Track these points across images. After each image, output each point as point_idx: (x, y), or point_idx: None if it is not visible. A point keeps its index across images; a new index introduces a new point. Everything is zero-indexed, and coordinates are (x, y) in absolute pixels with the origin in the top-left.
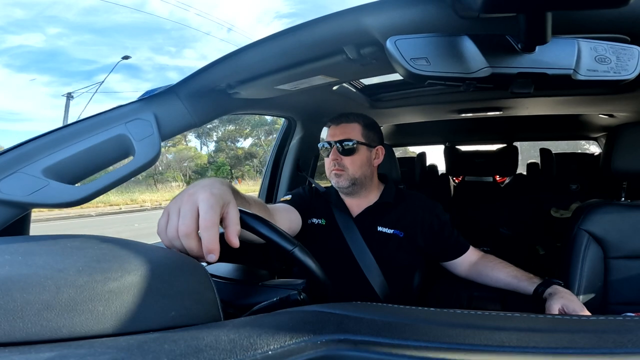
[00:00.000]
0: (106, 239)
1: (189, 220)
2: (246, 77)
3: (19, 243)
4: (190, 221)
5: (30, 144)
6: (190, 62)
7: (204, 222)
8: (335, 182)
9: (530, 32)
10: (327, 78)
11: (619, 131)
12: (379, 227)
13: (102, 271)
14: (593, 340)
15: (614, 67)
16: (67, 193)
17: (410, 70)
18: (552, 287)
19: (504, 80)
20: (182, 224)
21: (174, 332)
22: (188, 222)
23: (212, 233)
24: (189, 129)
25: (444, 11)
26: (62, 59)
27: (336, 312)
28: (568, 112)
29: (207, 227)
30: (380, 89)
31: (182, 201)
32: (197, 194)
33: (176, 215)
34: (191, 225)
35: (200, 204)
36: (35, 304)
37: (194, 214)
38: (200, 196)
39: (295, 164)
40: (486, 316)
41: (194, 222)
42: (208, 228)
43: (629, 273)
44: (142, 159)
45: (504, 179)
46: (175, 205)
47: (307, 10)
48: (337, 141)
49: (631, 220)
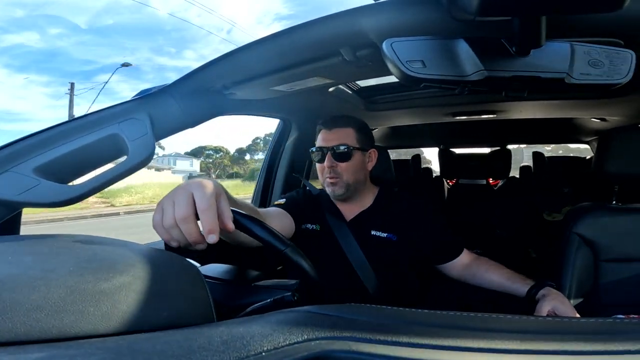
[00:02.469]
0: (97, 239)
1: (185, 206)
2: (242, 78)
3: (8, 242)
4: (187, 206)
5: (21, 143)
6: (189, 63)
7: (201, 204)
8: (330, 190)
9: (524, 36)
10: (323, 80)
11: (610, 135)
12: (372, 231)
13: (93, 271)
14: (583, 342)
15: (607, 71)
16: (59, 192)
17: (406, 72)
18: (545, 289)
19: (499, 83)
20: (179, 210)
21: (166, 333)
22: (184, 208)
23: (210, 214)
24: (183, 129)
25: (439, 14)
26: (62, 59)
27: (330, 314)
28: (561, 115)
29: (205, 209)
30: (376, 91)
31: (176, 194)
32: (190, 185)
33: (171, 206)
34: (188, 210)
35: (195, 191)
36: (25, 304)
37: (189, 201)
38: (193, 186)
39: (290, 165)
40: (479, 318)
41: (190, 207)
42: (206, 210)
43: (620, 276)
44: (135, 158)
45: (497, 182)
46: (169, 198)
47: (307, 11)
48: (332, 147)
49: (622, 224)
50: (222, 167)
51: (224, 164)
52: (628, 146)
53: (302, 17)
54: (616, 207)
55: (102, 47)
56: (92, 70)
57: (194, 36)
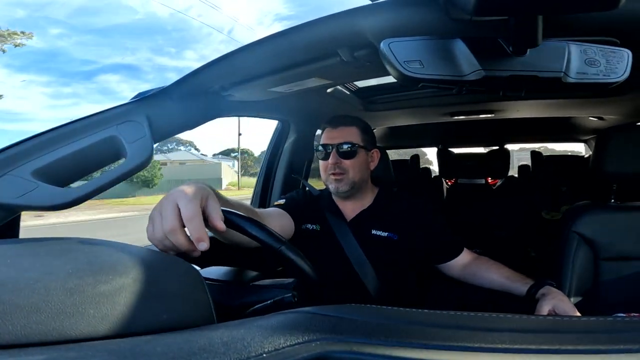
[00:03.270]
0: (97, 241)
1: (171, 217)
2: (240, 80)
3: (8, 245)
4: (172, 217)
5: (19, 146)
6: (190, 63)
7: (186, 214)
8: (334, 187)
9: (521, 35)
10: (321, 80)
11: (608, 134)
12: (373, 230)
13: (93, 274)
14: (584, 341)
15: (604, 70)
16: (57, 195)
17: (403, 72)
18: (545, 287)
19: (496, 82)
20: (165, 223)
21: (167, 335)
22: (170, 219)
23: (196, 223)
24: (182, 131)
25: (436, 14)
26: (62, 59)
27: (330, 314)
28: (558, 114)
29: (190, 217)
30: (374, 91)
31: (162, 204)
32: (174, 194)
33: (159, 217)
34: (174, 221)
35: (179, 200)
36: (25, 307)
37: (174, 211)
38: (177, 194)
39: (289, 166)
40: (479, 317)
41: (175, 218)
42: (191, 219)
43: (620, 274)
44: (134, 161)
45: (495, 181)
46: (157, 209)
47: (307, 12)
48: (337, 144)
49: (621, 222)
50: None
51: (247, 165)
52: (626, 145)
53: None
54: (615, 205)
55: (102, 47)
56: (93, 70)
57: (194, 36)
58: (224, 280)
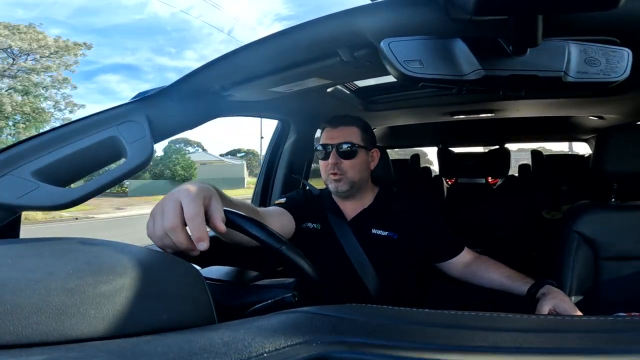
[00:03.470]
0: (97, 241)
1: (173, 215)
2: (240, 79)
3: (8, 246)
4: (174, 216)
5: (20, 146)
6: (190, 63)
7: (188, 212)
8: (334, 187)
9: (521, 35)
10: (321, 80)
11: (608, 133)
12: (373, 229)
13: (93, 274)
14: (585, 341)
15: (604, 69)
16: (58, 196)
17: (403, 72)
18: (545, 287)
19: (496, 82)
20: (167, 219)
21: (167, 335)
22: (172, 217)
23: (197, 222)
24: (182, 131)
25: (436, 14)
26: None
27: (330, 314)
28: (559, 114)
29: (192, 217)
30: (374, 91)
31: (165, 202)
32: (178, 192)
33: (160, 215)
34: (175, 220)
35: (182, 199)
36: (26, 307)
37: (177, 209)
38: (181, 193)
39: (289, 166)
40: (480, 317)
41: (177, 216)
42: (193, 218)
43: (620, 274)
44: (134, 161)
45: (496, 181)
46: (159, 206)
47: (307, 12)
48: (337, 144)
49: (621, 222)
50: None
51: (252, 165)
52: (626, 144)
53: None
54: (615, 204)
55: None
56: (93, 71)
57: (194, 36)
58: (225, 280)
